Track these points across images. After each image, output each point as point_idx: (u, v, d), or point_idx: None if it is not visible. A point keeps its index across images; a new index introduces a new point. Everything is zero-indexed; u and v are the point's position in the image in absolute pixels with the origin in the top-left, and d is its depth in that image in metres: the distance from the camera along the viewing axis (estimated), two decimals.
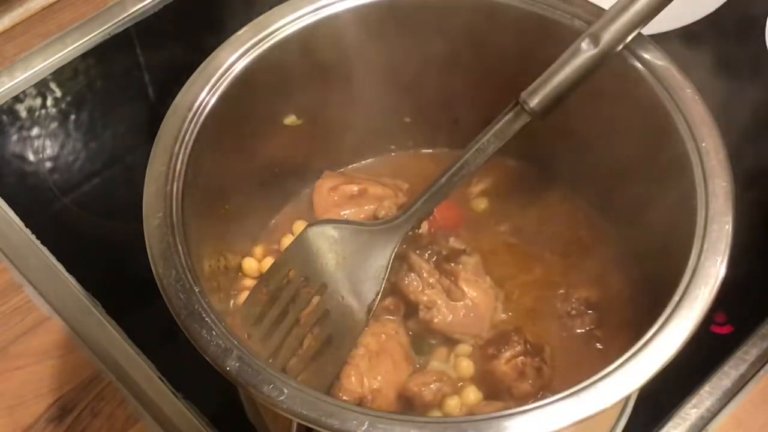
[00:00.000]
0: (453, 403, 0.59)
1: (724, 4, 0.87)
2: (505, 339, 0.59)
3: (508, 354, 0.59)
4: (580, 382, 0.47)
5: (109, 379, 0.68)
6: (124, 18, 0.92)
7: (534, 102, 0.57)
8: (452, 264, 0.63)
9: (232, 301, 0.65)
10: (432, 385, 0.58)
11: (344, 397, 0.57)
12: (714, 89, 0.60)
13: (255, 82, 0.62)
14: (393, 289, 0.62)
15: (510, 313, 0.63)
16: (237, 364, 0.48)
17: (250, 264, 0.67)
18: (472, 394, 0.59)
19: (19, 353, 0.71)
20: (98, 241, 0.77)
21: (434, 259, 0.63)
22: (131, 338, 0.70)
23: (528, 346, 0.59)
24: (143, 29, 0.92)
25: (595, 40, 0.56)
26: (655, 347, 0.48)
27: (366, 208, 0.68)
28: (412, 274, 0.62)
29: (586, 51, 0.56)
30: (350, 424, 0.46)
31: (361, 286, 0.59)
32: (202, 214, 0.59)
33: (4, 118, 0.86)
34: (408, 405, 0.58)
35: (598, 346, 0.61)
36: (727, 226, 0.52)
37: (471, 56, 0.66)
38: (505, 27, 0.64)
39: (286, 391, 0.47)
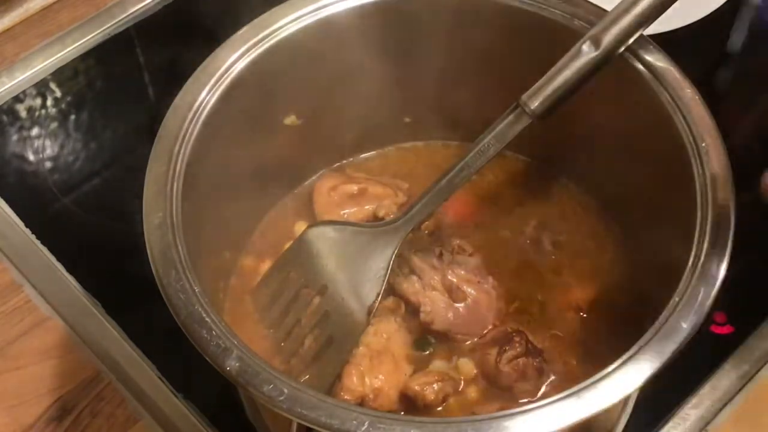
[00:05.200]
0: (454, 403, 0.59)
1: (724, 4, 0.87)
2: (506, 339, 0.59)
3: (509, 354, 0.59)
4: (580, 381, 0.47)
5: (109, 379, 0.68)
6: (124, 18, 0.92)
7: (535, 104, 0.57)
8: (454, 265, 0.63)
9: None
10: (434, 385, 0.58)
11: (346, 396, 0.57)
12: (714, 89, 0.60)
13: (255, 82, 0.62)
14: (394, 289, 0.62)
15: (512, 314, 0.63)
16: (237, 364, 0.48)
17: (250, 263, 0.67)
18: (473, 394, 0.59)
19: (19, 353, 0.70)
20: (98, 241, 0.77)
21: (435, 260, 0.63)
22: (131, 338, 0.70)
23: (529, 346, 0.59)
24: (143, 29, 0.92)
25: (596, 42, 0.56)
26: (655, 347, 0.48)
27: (366, 207, 0.68)
28: (414, 276, 0.62)
29: (587, 53, 0.56)
30: (350, 424, 0.46)
31: (361, 288, 0.59)
32: (202, 214, 0.59)
33: (4, 118, 0.86)
34: (409, 404, 0.59)
35: (599, 345, 0.61)
36: (727, 226, 0.52)
37: (471, 57, 0.67)
38: (506, 27, 0.64)
39: (286, 391, 0.47)
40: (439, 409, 0.59)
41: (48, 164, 0.83)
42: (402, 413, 0.58)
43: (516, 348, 0.59)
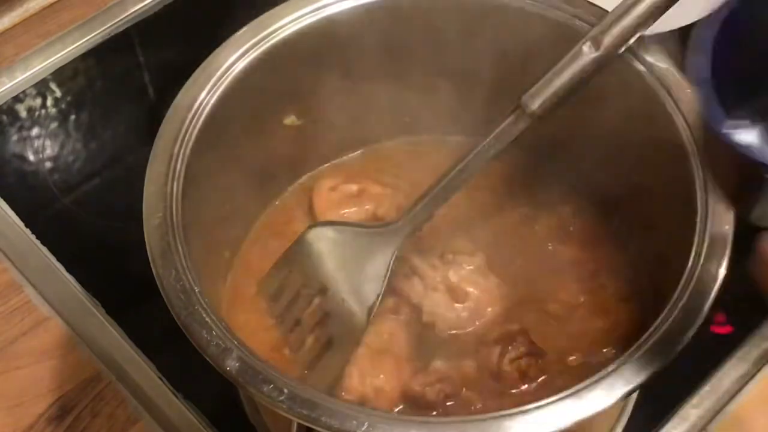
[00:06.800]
0: (455, 403, 0.59)
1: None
2: (509, 339, 0.59)
3: (511, 354, 0.59)
4: (580, 382, 0.47)
5: (109, 379, 0.68)
6: (124, 18, 0.92)
7: (535, 105, 0.57)
8: (455, 265, 0.63)
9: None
10: (435, 385, 0.58)
11: (347, 396, 0.57)
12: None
13: (255, 82, 0.62)
14: (396, 291, 0.62)
15: (514, 313, 0.63)
16: (237, 364, 0.48)
17: (250, 263, 0.67)
18: (474, 394, 0.59)
19: (19, 353, 0.70)
20: (98, 241, 0.77)
21: (436, 260, 0.63)
22: (131, 338, 0.70)
23: (532, 347, 0.59)
24: (143, 29, 0.92)
25: (596, 43, 0.56)
26: (655, 347, 0.48)
27: (366, 207, 0.68)
28: (415, 276, 0.62)
29: (587, 54, 0.56)
30: (350, 424, 0.46)
31: (361, 289, 0.59)
32: (202, 214, 0.59)
33: (4, 118, 0.86)
34: (410, 404, 0.59)
35: (600, 345, 0.61)
36: (727, 226, 0.52)
37: (471, 56, 0.67)
38: (506, 27, 0.64)
39: (286, 391, 0.47)
40: (440, 409, 0.59)
41: (48, 164, 0.83)
42: (402, 413, 0.58)
43: (518, 348, 0.59)
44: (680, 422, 0.65)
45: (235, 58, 0.61)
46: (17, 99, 0.87)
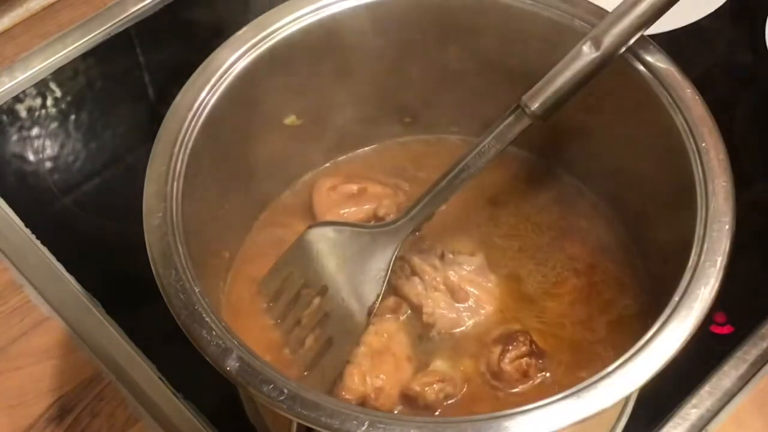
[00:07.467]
0: (455, 403, 0.59)
1: (724, 4, 0.87)
2: (510, 339, 0.59)
3: (512, 354, 0.59)
4: (581, 381, 0.47)
5: (109, 379, 0.68)
6: (124, 18, 0.92)
7: (535, 105, 0.57)
8: (455, 265, 0.63)
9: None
10: (434, 385, 0.58)
11: (347, 396, 0.57)
12: (714, 89, 0.60)
13: (255, 82, 0.62)
14: (396, 291, 0.62)
15: (515, 313, 0.63)
16: (237, 364, 0.48)
17: (250, 263, 0.67)
18: (474, 394, 0.59)
19: (19, 353, 0.71)
20: (98, 241, 0.77)
21: (437, 260, 0.63)
22: (131, 338, 0.70)
23: (533, 347, 0.59)
24: (143, 29, 0.92)
25: (596, 43, 0.56)
26: (655, 347, 0.48)
27: (366, 207, 0.68)
28: (415, 277, 0.62)
29: (587, 54, 0.56)
30: (350, 425, 0.46)
31: (361, 289, 0.59)
32: (202, 214, 0.59)
33: (4, 118, 0.86)
34: (411, 404, 0.59)
35: (600, 345, 0.61)
36: (727, 226, 0.52)
37: (472, 57, 0.67)
38: (506, 27, 0.64)
39: (286, 391, 0.47)
40: (440, 409, 0.59)
41: (48, 164, 0.83)
42: (402, 413, 0.58)
43: (520, 348, 0.59)
44: (680, 422, 0.65)
45: (235, 57, 0.61)
46: (17, 99, 0.87)
